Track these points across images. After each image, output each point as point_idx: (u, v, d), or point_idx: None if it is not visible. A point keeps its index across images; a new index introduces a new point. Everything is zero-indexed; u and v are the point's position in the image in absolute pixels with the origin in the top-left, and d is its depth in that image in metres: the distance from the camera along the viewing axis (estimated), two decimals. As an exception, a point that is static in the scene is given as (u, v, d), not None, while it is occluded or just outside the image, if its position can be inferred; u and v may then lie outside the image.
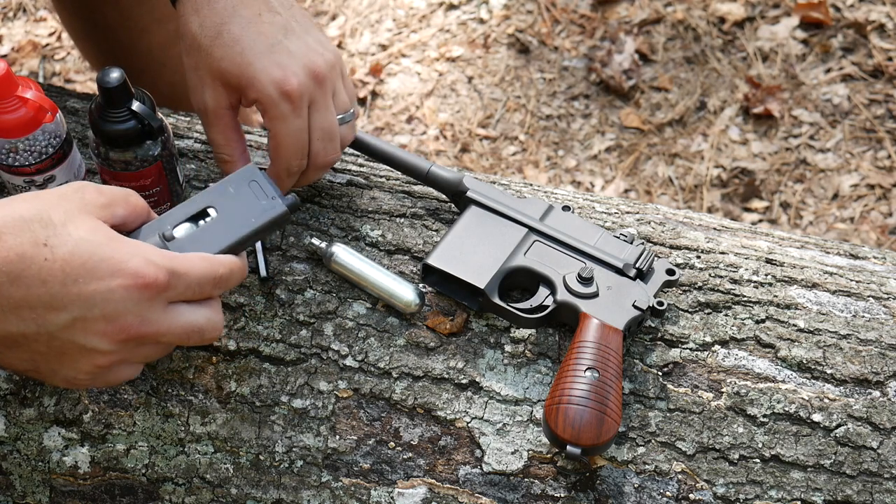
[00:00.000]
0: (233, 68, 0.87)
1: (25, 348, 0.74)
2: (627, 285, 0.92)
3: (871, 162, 1.98)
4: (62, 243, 0.72)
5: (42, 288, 0.71)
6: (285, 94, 0.86)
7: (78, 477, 0.92)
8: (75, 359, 0.75)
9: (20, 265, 0.70)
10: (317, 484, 0.90)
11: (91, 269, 0.72)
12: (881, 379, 0.91)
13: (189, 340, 0.78)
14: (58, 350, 0.74)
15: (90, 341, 0.73)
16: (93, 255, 0.72)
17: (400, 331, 0.93)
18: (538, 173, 2.02)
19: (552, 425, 0.84)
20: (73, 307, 0.72)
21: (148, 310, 0.74)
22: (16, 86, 0.90)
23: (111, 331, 0.73)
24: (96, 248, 0.73)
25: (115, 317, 0.73)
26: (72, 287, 0.71)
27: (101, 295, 0.72)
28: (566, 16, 2.21)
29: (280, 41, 0.88)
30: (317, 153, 0.91)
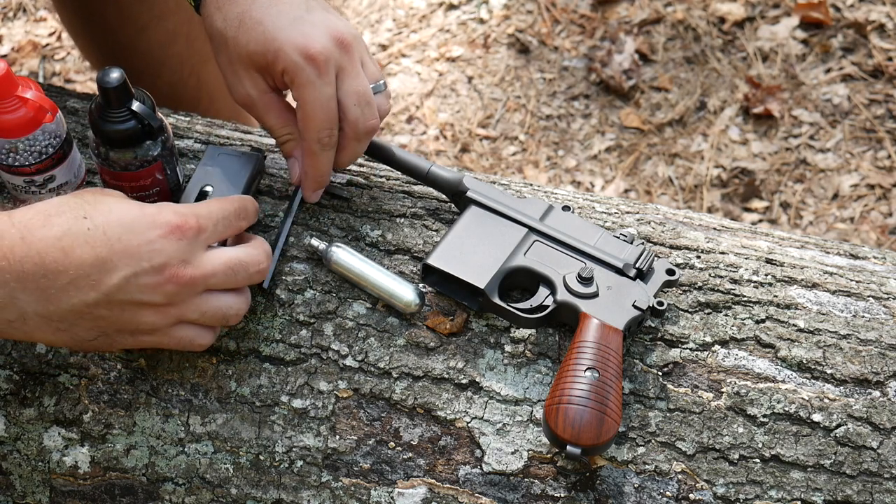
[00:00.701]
0: (259, 48, 0.88)
1: (89, 318, 0.79)
2: (627, 285, 0.92)
3: (871, 162, 1.98)
4: (99, 213, 0.78)
5: (91, 253, 0.77)
6: (310, 59, 0.87)
7: (78, 477, 0.92)
8: (137, 316, 0.80)
9: (68, 239, 0.77)
10: (317, 484, 0.90)
11: (129, 227, 0.78)
12: (881, 379, 0.91)
13: (237, 277, 0.83)
14: (118, 311, 0.79)
15: (145, 295, 0.78)
16: (127, 214, 0.79)
17: (400, 331, 0.93)
18: (538, 173, 2.01)
19: (552, 425, 0.84)
20: (122, 264, 0.77)
21: (190, 254, 0.80)
22: (16, 86, 0.90)
23: (162, 280, 0.78)
24: (129, 210, 0.79)
25: (162, 266, 0.78)
26: (116, 245, 0.77)
27: (144, 247, 0.78)
28: (566, 16, 2.21)
29: (302, 15, 0.89)
30: (356, 119, 0.90)
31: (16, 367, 0.93)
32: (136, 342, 0.83)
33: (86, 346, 0.82)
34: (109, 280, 0.77)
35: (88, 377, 0.93)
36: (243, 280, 0.84)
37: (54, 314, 0.78)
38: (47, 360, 0.93)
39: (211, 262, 0.81)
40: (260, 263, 0.85)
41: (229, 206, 0.85)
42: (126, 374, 0.92)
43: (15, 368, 0.93)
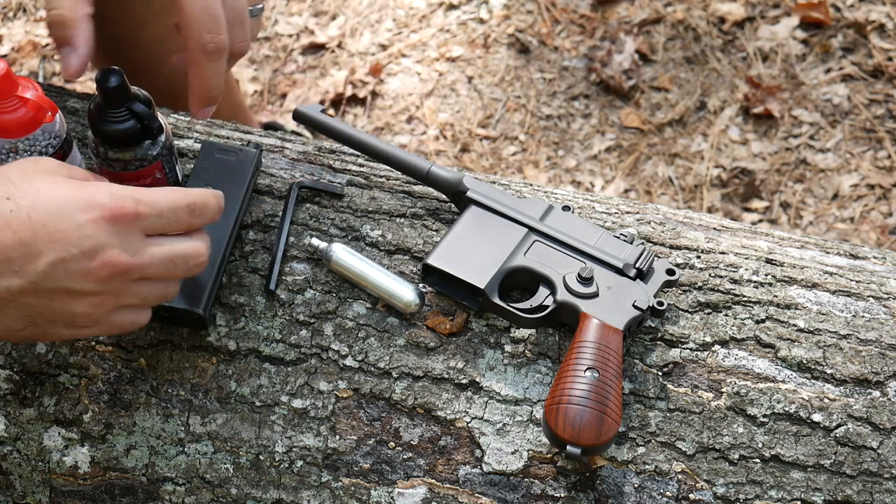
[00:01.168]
0: None
1: (16, 306, 0.74)
2: (627, 285, 0.92)
3: (871, 162, 1.98)
4: (24, 195, 0.73)
5: (14, 237, 0.72)
6: None
7: (78, 477, 0.92)
8: (67, 305, 0.75)
9: None
10: (317, 484, 0.90)
11: (58, 210, 0.72)
12: (881, 379, 0.91)
13: (176, 269, 0.78)
14: (47, 300, 0.74)
15: (75, 283, 0.73)
16: (58, 196, 0.73)
17: (400, 331, 0.93)
18: (538, 173, 2.01)
19: (552, 425, 0.84)
20: (48, 250, 0.72)
21: (125, 241, 0.74)
22: (16, 86, 0.90)
23: (93, 268, 0.73)
24: (60, 191, 0.74)
25: (93, 252, 0.73)
26: (41, 230, 0.72)
27: (73, 232, 0.72)
28: (566, 16, 2.21)
29: None
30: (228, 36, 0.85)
31: (16, 367, 0.93)
32: (73, 334, 0.78)
33: (15, 336, 0.78)
34: (34, 266, 0.72)
35: (88, 377, 0.93)
36: (182, 272, 0.80)
37: None
38: (47, 360, 0.93)
39: (148, 253, 0.76)
40: (200, 256, 0.80)
41: (181, 199, 0.79)
42: (126, 374, 0.93)
43: (15, 368, 0.93)
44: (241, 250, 0.96)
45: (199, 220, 0.80)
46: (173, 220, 0.78)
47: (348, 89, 2.13)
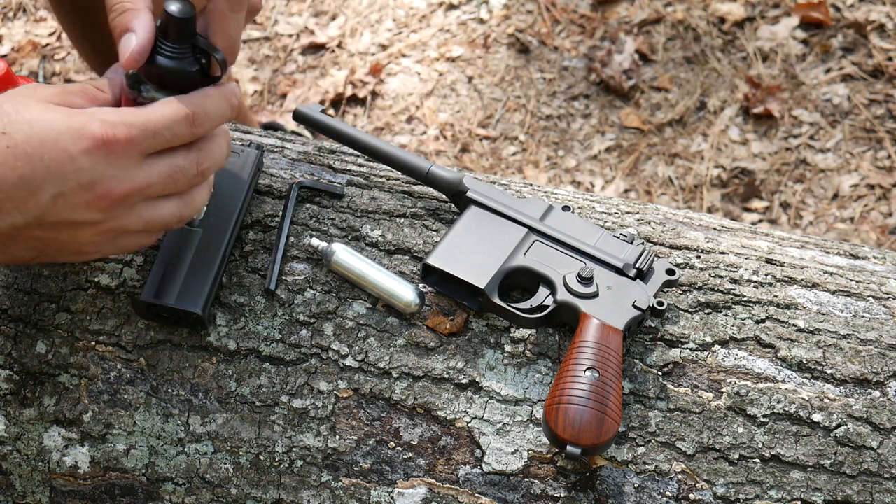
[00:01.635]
0: None
1: (22, 239, 0.74)
2: (627, 285, 0.92)
3: (871, 162, 1.98)
4: (18, 128, 0.72)
5: (13, 173, 0.71)
6: None
7: (78, 477, 0.92)
8: (72, 234, 0.75)
9: None
10: (317, 484, 0.90)
11: (52, 143, 0.71)
12: (881, 379, 0.91)
13: (177, 184, 0.76)
14: (53, 231, 0.74)
15: (77, 214, 0.73)
16: (50, 129, 0.72)
17: (400, 331, 0.93)
18: (538, 173, 2.02)
19: (552, 425, 0.84)
20: (47, 185, 0.71)
21: (121, 168, 0.73)
22: (15, 86, 0.90)
23: (93, 199, 0.73)
24: (52, 123, 0.72)
25: (91, 184, 0.72)
26: (38, 164, 0.71)
27: (69, 165, 0.72)
28: (566, 16, 2.21)
29: None
30: None
31: (16, 367, 0.93)
32: (80, 259, 0.80)
33: (28, 262, 0.79)
34: (36, 202, 0.72)
35: (88, 377, 0.93)
36: (184, 185, 0.77)
37: None
38: (47, 360, 0.93)
39: (145, 173, 0.74)
40: (200, 164, 0.77)
41: (177, 112, 0.75)
42: (126, 374, 0.93)
43: (15, 368, 0.93)
44: (241, 250, 0.96)
45: (201, 128, 0.77)
46: (171, 137, 0.75)
47: (348, 89, 2.14)
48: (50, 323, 0.94)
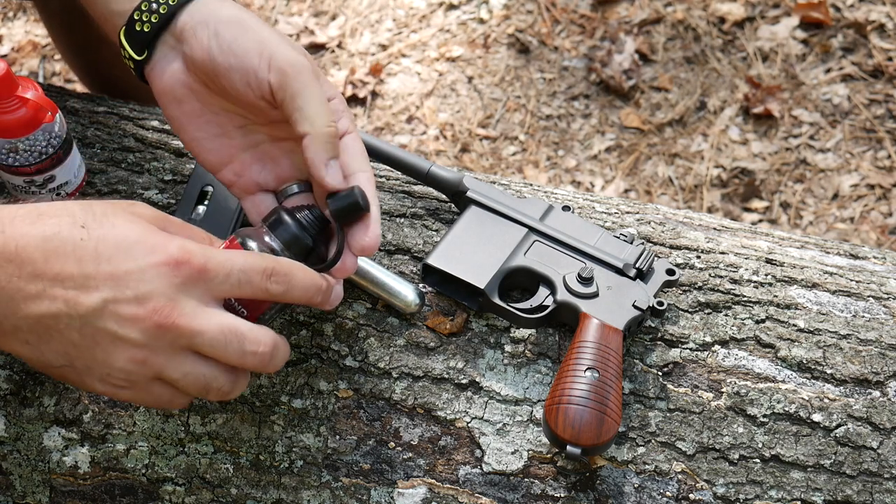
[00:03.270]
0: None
1: (59, 339, 0.71)
2: (627, 285, 0.92)
3: (871, 162, 1.98)
4: (99, 226, 0.71)
5: (75, 266, 0.70)
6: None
7: (78, 477, 0.92)
8: (108, 354, 0.71)
9: (55, 242, 0.70)
10: (317, 484, 0.90)
11: (125, 250, 0.70)
12: (881, 379, 0.91)
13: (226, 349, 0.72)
14: (90, 341, 0.71)
15: (121, 328, 0.70)
16: (127, 237, 0.71)
17: (400, 331, 0.93)
18: (538, 173, 2.02)
19: (552, 425, 0.84)
20: (104, 287, 0.70)
21: (182, 295, 0.71)
22: (16, 86, 0.90)
23: (142, 314, 0.70)
24: (131, 233, 0.71)
25: (146, 297, 0.70)
26: (104, 266, 0.70)
27: (133, 274, 0.70)
28: (566, 16, 2.21)
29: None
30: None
31: (16, 366, 0.93)
32: (105, 391, 0.74)
33: (51, 372, 0.74)
34: (86, 300, 0.70)
35: (88, 377, 0.93)
36: (234, 354, 0.73)
37: (22, 322, 0.70)
38: (47, 360, 0.93)
39: (204, 317, 0.71)
40: (259, 345, 0.73)
41: (257, 261, 0.73)
42: (126, 374, 0.93)
43: (15, 368, 0.93)
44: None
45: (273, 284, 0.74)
46: (245, 284, 0.73)
47: (348, 89, 2.14)
48: (50, 323, 0.94)
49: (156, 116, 1.12)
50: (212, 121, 0.84)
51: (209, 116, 0.83)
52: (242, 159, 0.85)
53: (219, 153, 0.84)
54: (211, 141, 0.84)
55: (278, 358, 0.76)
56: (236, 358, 0.73)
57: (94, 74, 1.50)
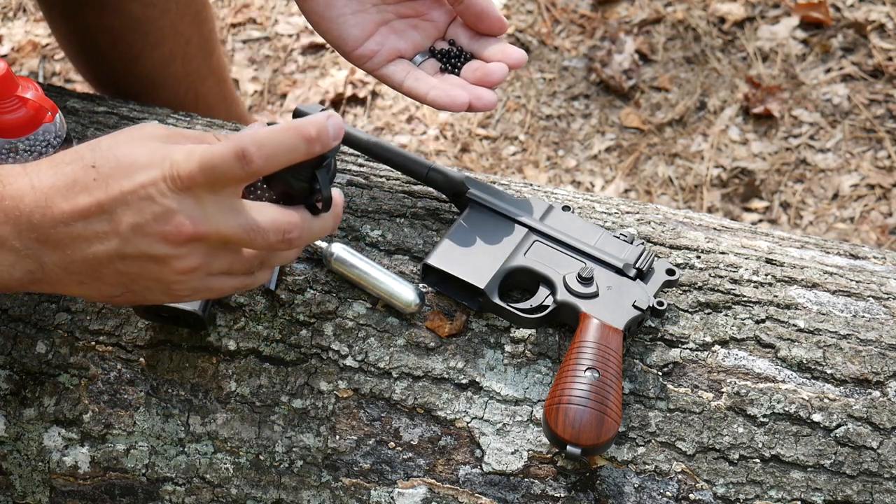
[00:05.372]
0: None
1: (108, 271, 0.74)
2: (627, 285, 0.92)
3: (871, 162, 1.98)
4: (106, 162, 0.73)
5: (95, 204, 0.72)
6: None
7: (78, 477, 0.92)
8: (156, 272, 0.74)
9: (76, 189, 0.72)
10: (317, 484, 0.90)
11: (134, 175, 0.72)
12: (881, 379, 0.91)
13: (253, 243, 0.74)
14: (136, 266, 0.74)
15: (154, 248, 0.73)
16: (133, 162, 0.72)
17: (400, 331, 0.93)
18: (538, 173, 2.01)
19: (552, 425, 0.84)
20: (126, 215, 0.72)
21: (197, 203, 0.72)
22: (16, 86, 0.90)
23: (167, 232, 0.72)
24: (136, 157, 0.73)
25: (165, 215, 0.72)
26: (116, 194, 0.72)
27: (148, 196, 0.71)
28: (566, 16, 2.21)
29: None
30: None
31: (16, 367, 0.93)
32: (171, 299, 0.78)
33: (115, 301, 0.78)
34: (115, 231, 0.72)
35: (88, 377, 0.93)
36: (262, 246, 0.75)
37: (72, 265, 0.74)
38: (47, 360, 0.93)
39: (224, 219, 0.73)
40: (281, 232, 0.75)
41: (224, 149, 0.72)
42: (126, 374, 0.93)
43: (15, 368, 0.93)
44: (241, 250, 0.95)
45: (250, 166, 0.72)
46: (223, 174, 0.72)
47: (348, 89, 2.14)
48: (50, 323, 0.94)
49: (155, 116, 1.12)
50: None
51: None
52: (381, 32, 0.98)
53: (362, 27, 0.97)
54: (354, 17, 0.97)
55: (312, 235, 0.78)
56: (266, 248, 0.76)
57: (94, 67, 1.50)
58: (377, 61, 0.97)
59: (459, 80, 0.96)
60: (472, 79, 0.96)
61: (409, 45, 0.99)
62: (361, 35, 0.97)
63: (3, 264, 0.74)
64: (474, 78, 0.96)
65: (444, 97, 0.93)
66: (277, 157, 0.72)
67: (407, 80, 0.97)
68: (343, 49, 0.98)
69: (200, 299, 0.80)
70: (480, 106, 0.94)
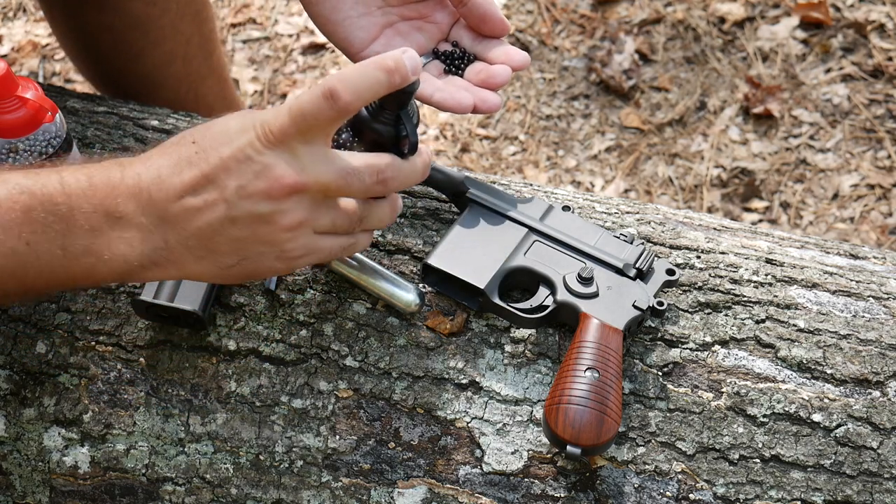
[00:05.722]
0: None
1: (222, 240, 0.77)
2: (627, 285, 0.92)
3: (871, 162, 1.98)
4: (204, 136, 0.77)
5: (199, 173, 0.76)
6: None
7: (78, 477, 0.92)
8: (266, 233, 0.77)
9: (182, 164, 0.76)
10: (317, 484, 0.90)
11: (229, 140, 0.76)
12: (881, 379, 0.91)
13: (350, 187, 0.78)
14: (245, 228, 0.76)
15: (259, 206, 0.76)
16: (226, 130, 0.76)
17: (400, 331, 0.93)
18: (538, 173, 2.01)
19: (552, 425, 0.84)
20: (228, 178, 0.75)
21: (292, 155, 0.75)
22: (16, 86, 0.90)
23: (267, 188, 0.75)
24: (229, 126, 0.77)
25: (264, 171, 0.75)
26: (216, 161, 0.75)
27: (244, 156, 0.75)
28: (566, 16, 2.21)
29: None
30: None
31: (16, 367, 0.93)
32: (288, 266, 0.80)
33: (231, 273, 0.80)
34: (222, 195, 0.75)
35: (88, 377, 0.93)
36: (359, 190, 0.78)
37: (190, 240, 0.77)
38: (47, 360, 0.93)
39: (319, 167, 0.76)
40: (376, 173, 0.78)
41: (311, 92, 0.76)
42: (126, 374, 0.93)
43: (15, 368, 0.93)
44: (241, 250, 0.95)
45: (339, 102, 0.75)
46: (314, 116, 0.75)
47: (348, 89, 2.13)
48: (50, 323, 0.94)
49: (155, 116, 1.12)
50: (359, 1, 0.97)
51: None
52: (386, 34, 0.98)
53: (368, 30, 0.98)
54: (360, 19, 0.97)
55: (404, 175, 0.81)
56: (362, 192, 0.79)
57: (94, 66, 1.50)
58: None
59: (464, 83, 0.96)
60: (475, 81, 0.96)
61: (413, 46, 0.98)
62: (367, 37, 0.98)
63: (129, 242, 0.77)
64: (478, 80, 0.96)
65: (450, 99, 0.94)
66: (362, 90, 0.75)
67: None
68: (349, 51, 0.98)
69: (310, 263, 0.81)
70: (485, 108, 0.94)
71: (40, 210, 0.76)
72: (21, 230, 0.75)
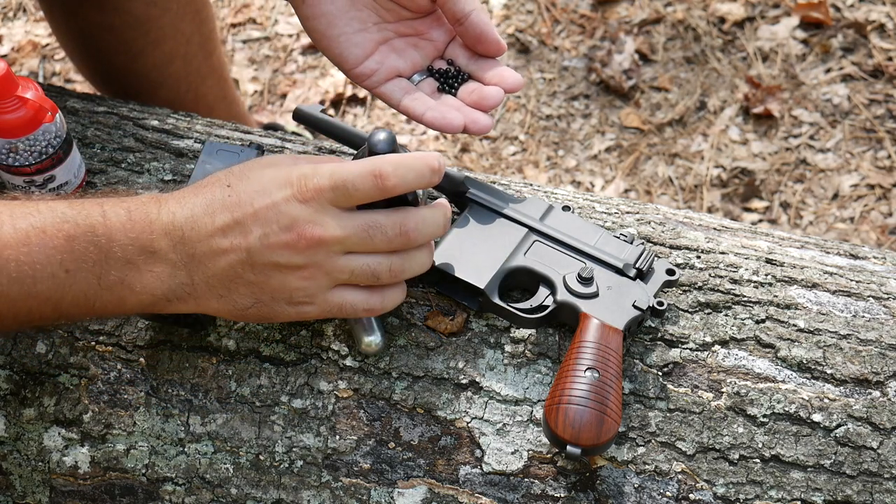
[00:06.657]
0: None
1: (241, 282, 0.81)
2: (627, 285, 0.92)
3: (871, 162, 1.98)
4: (239, 183, 0.81)
5: (230, 217, 0.80)
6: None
7: (78, 477, 0.92)
8: (282, 280, 0.81)
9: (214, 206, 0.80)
10: (317, 484, 0.90)
11: (262, 191, 0.80)
12: (881, 379, 0.91)
13: (372, 241, 0.81)
14: (264, 275, 0.81)
15: (280, 256, 0.80)
16: (261, 180, 0.81)
17: (400, 331, 0.93)
18: (538, 173, 2.01)
19: (552, 425, 0.84)
20: (255, 227, 0.79)
21: (317, 212, 0.80)
22: (16, 86, 0.90)
23: (291, 240, 0.79)
24: (264, 176, 0.81)
25: (290, 225, 0.79)
26: (248, 209, 0.79)
27: (272, 209, 0.79)
28: (566, 16, 2.21)
29: None
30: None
31: (16, 367, 0.93)
32: (297, 313, 0.83)
33: (248, 315, 0.83)
34: (247, 242, 0.79)
35: (88, 377, 0.93)
36: (382, 243, 0.82)
37: (212, 279, 0.81)
38: (47, 360, 0.93)
39: (342, 223, 0.80)
40: (398, 226, 0.82)
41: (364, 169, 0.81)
42: (126, 374, 0.93)
43: (15, 368, 0.93)
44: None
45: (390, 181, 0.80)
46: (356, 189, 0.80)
47: (348, 89, 2.14)
48: (50, 323, 0.94)
49: (156, 116, 1.12)
50: (355, 17, 0.97)
51: (354, 13, 0.97)
52: (381, 50, 0.98)
53: (363, 46, 0.98)
54: (355, 35, 0.97)
55: (427, 227, 0.84)
56: (385, 245, 0.83)
57: (94, 66, 1.50)
58: (376, 79, 0.98)
59: (456, 102, 0.97)
60: (468, 101, 0.97)
61: (407, 63, 0.99)
62: (362, 54, 0.98)
63: (158, 276, 0.80)
64: (471, 100, 0.97)
65: (441, 119, 0.94)
66: (409, 179, 0.81)
67: (404, 100, 0.97)
68: (343, 67, 0.99)
69: (328, 315, 0.84)
70: (475, 129, 0.95)
71: (82, 240, 0.78)
72: (63, 257, 0.78)
